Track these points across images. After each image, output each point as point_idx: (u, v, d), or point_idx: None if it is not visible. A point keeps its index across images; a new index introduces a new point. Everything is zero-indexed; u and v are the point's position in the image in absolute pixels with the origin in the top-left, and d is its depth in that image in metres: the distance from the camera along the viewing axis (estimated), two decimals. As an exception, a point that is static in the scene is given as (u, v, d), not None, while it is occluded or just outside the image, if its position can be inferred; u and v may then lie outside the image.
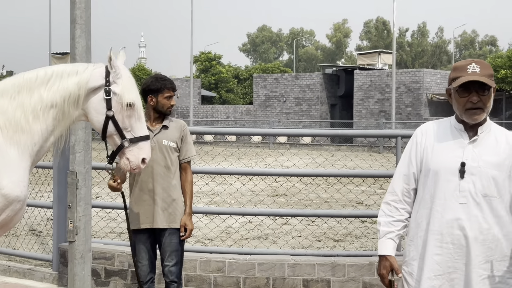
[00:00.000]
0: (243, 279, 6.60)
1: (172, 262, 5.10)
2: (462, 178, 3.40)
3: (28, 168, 4.02)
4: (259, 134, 8.26)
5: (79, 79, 4.05)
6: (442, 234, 3.41)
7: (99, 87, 4.07)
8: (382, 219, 3.63)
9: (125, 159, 4.16)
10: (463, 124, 3.49)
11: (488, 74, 3.41)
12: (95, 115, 4.09)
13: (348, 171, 8.90)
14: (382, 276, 3.58)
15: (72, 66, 4.16)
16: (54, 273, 7.20)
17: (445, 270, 3.41)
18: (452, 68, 3.55)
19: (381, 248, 3.59)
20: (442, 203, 3.43)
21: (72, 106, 4.04)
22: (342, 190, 10.81)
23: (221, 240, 9.64)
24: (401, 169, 3.65)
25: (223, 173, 7.80)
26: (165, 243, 5.11)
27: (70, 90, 4.02)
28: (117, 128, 4.09)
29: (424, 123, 3.78)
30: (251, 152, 27.61)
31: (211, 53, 66.74)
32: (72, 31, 6.20)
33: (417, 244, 3.53)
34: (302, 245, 9.12)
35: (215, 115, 51.08)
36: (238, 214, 7.97)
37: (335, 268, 6.57)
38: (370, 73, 44.15)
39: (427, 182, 3.50)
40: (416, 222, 3.55)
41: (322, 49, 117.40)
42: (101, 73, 4.09)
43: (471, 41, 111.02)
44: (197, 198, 13.36)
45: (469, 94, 3.40)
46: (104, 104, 4.06)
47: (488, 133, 3.48)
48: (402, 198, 3.60)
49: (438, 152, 3.49)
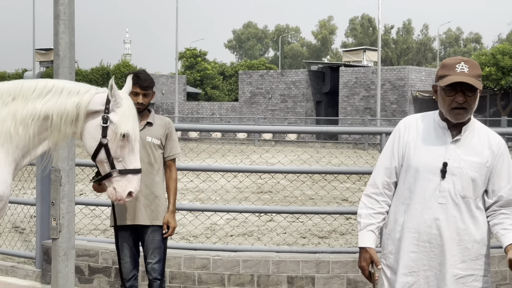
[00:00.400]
0: (228, 276, 6.60)
1: (155, 259, 5.08)
2: (443, 178, 3.41)
3: (12, 171, 4.00)
4: (244, 131, 8.24)
5: (79, 100, 4.01)
6: (420, 233, 3.43)
7: (98, 112, 4.04)
8: (362, 211, 3.63)
9: (112, 188, 4.12)
10: (446, 122, 3.49)
11: (476, 75, 3.40)
12: (89, 139, 4.07)
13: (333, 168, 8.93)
14: (362, 268, 3.59)
15: (74, 84, 4.12)
16: (37, 270, 7.16)
17: (420, 267, 3.44)
18: (441, 65, 3.53)
19: (362, 240, 3.59)
20: (421, 201, 3.44)
21: (69, 125, 4.01)
22: (327, 187, 10.85)
23: (206, 237, 9.63)
24: (383, 162, 3.65)
25: (208, 170, 7.80)
26: (148, 240, 5.09)
27: (68, 110, 3.98)
28: (108, 156, 4.06)
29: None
30: (236, 149, 27.62)
31: (197, 49, 66.65)
32: (56, 27, 6.16)
33: (394, 239, 3.55)
34: (286, 242, 9.13)
35: (200, 111, 50.99)
36: (223, 211, 7.96)
37: (320, 264, 6.59)
38: (355, 70, 44.24)
39: (407, 178, 3.51)
40: (394, 216, 3.57)
41: (307, 46, 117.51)
42: (102, 99, 4.05)
43: (456, 38, 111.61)
44: (182, 195, 13.34)
45: (455, 93, 3.39)
46: (100, 130, 4.03)
47: (472, 132, 3.49)
48: (383, 191, 3.61)
49: (420, 149, 3.49)
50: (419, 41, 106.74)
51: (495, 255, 6.83)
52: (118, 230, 5.15)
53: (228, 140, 37.35)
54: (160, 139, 5.12)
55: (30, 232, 9.24)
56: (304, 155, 19.55)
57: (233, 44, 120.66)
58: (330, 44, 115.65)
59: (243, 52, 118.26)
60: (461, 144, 3.45)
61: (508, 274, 6.83)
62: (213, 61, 71.34)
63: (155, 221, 5.08)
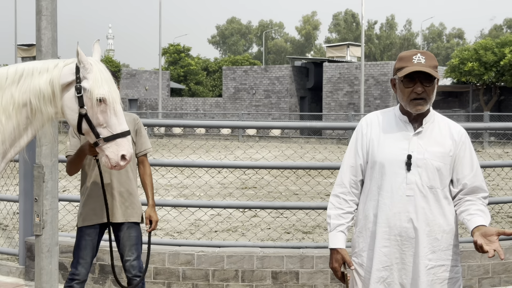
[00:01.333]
0: (212, 272, 6.62)
1: (133, 256, 5.02)
2: (408, 171, 3.43)
3: None
4: (228, 127, 8.24)
5: (50, 77, 3.96)
6: (390, 227, 3.45)
7: (71, 84, 3.99)
8: (331, 211, 3.63)
9: (105, 156, 4.06)
10: (407, 115, 3.52)
11: (433, 65, 3.44)
12: (69, 112, 4.01)
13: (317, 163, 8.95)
14: (334, 270, 3.58)
15: (42, 63, 4.06)
16: (20, 267, 7.14)
17: (393, 261, 3.46)
18: (398, 58, 3.55)
19: (332, 241, 3.59)
20: (389, 195, 3.46)
21: (48, 105, 3.96)
22: (311, 183, 10.88)
23: (190, 233, 9.64)
24: (348, 160, 3.66)
25: (192, 165, 7.79)
26: (124, 237, 5.01)
27: (43, 89, 3.93)
28: (91, 125, 3.99)
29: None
30: (220, 145, 27.61)
31: (180, 45, 66.40)
32: (38, 23, 6.13)
33: (365, 236, 3.56)
34: (271, 237, 9.16)
35: (184, 107, 50.88)
36: (207, 207, 7.97)
37: (304, 260, 6.62)
38: (339, 65, 44.35)
39: (374, 174, 3.53)
40: (364, 214, 3.58)
41: (291, 42, 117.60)
42: (71, 69, 4.00)
43: (439, 34, 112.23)
44: (166, 191, 13.34)
45: (413, 84, 3.42)
46: (76, 101, 3.97)
47: (432, 124, 3.52)
48: (350, 190, 3.62)
49: (383, 145, 3.52)
50: (402, 36, 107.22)
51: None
52: (86, 229, 5.03)
53: (212, 136, 37.34)
54: (130, 135, 5.06)
55: (13, 228, 9.20)
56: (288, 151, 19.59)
57: (217, 40, 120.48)
58: (314, 40, 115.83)
59: (227, 47, 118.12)
60: (423, 135, 3.48)
61: (490, 268, 6.90)
62: (197, 57, 71.16)
63: (130, 217, 5.01)
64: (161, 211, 9.72)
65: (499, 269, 6.94)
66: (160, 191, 13.44)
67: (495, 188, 13.38)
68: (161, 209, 9.71)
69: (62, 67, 4.02)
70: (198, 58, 70.16)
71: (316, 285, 6.62)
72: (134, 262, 5.03)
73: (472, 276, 6.85)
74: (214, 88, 65.59)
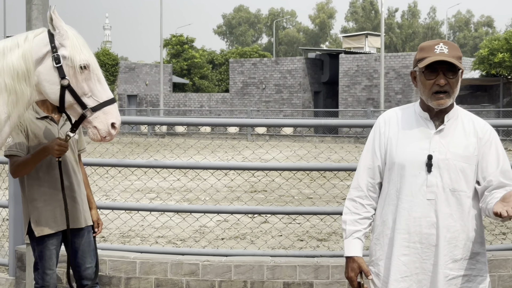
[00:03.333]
0: (219, 283, 6.63)
1: (93, 262, 5.05)
2: (429, 172, 3.42)
3: None
4: (236, 125, 8.23)
5: (22, 52, 3.91)
6: (410, 233, 3.45)
7: (46, 55, 3.95)
8: (347, 217, 3.63)
9: (93, 128, 4.04)
10: (428, 112, 3.51)
11: (457, 56, 3.43)
12: (48, 86, 3.96)
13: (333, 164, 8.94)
14: (350, 279, 3.58)
15: (11, 39, 4.01)
16: (10, 278, 7.16)
17: (412, 271, 3.45)
18: (418, 48, 3.55)
19: (348, 249, 3.59)
20: (409, 199, 3.45)
21: (23, 83, 3.91)
22: (326, 185, 10.88)
23: (195, 241, 9.66)
24: (365, 162, 3.65)
25: (196, 167, 7.79)
26: (85, 243, 5.00)
27: (16, 67, 3.89)
28: (76, 96, 3.96)
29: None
30: (227, 144, 27.64)
31: (183, 36, 66.55)
32: (28, 13, 6.17)
33: (383, 244, 3.56)
34: (282, 245, 9.16)
35: (187, 104, 50.98)
36: (213, 212, 7.99)
37: (319, 269, 6.62)
38: (356, 57, 44.30)
39: (392, 177, 3.52)
40: (381, 219, 3.58)
41: (304, 32, 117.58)
42: (44, 39, 3.97)
43: (466, 22, 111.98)
44: (168, 195, 13.37)
45: (436, 76, 3.41)
46: (56, 73, 3.93)
47: (456, 121, 3.51)
48: (368, 194, 3.62)
49: (403, 144, 3.51)
50: (425, 25, 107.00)
51: (508, 257, 6.88)
52: (48, 238, 4.94)
53: (218, 135, 37.37)
54: (78, 134, 4.99)
55: (2, 236, 9.23)
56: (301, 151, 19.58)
57: (223, 30, 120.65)
58: (329, 29, 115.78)
59: (234, 38, 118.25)
60: (445, 134, 3.47)
61: (523, 278, 6.87)
62: (202, 49, 71.32)
63: (88, 221, 5.05)
64: (163, 217, 9.75)
65: (532, 280, 6.91)
66: (162, 195, 13.47)
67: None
68: (163, 214, 9.74)
69: (32, 39, 3.97)
70: (203, 50, 70.31)
71: (332, 298, 6.62)
72: (94, 269, 5.07)
73: (504, 287, 6.82)
74: (220, 83, 65.70)
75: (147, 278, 6.62)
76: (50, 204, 4.91)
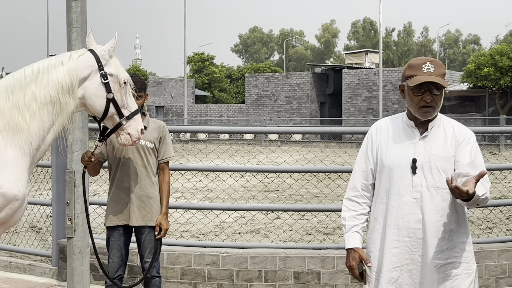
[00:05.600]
0: (236, 272, 6.62)
1: (150, 258, 5.06)
2: (414, 174, 3.45)
3: (27, 167, 3.98)
4: (251, 132, 8.25)
5: (67, 68, 4.01)
6: (399, 228, 3.46)
7: (92, 72, 4.06)
8: (346, 214, 3.65)
9: (126, 134, 4.23)
10: (414, 120, 3.54)
11: (441, 74, 3.45)
12: (95, 99, 4.09)
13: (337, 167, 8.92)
14: (351, 268, 3.59)
15: (55, 58, 4.10)
16: (53, 268, 7.20)
17: (402, 262, 3.46)
18: (407, 65, 3.55)
19: (349, 242, 3.60)
20: (397, 198, 3.48)
21: (67, 95, 4.00)
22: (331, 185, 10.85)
23: (215, 235, 9.66)
24: (359, 165, 3.68)
25: (216, 170, 7.81)
26: (146, 240, 5.04)
27: (61, 81, 3.98)
28: (117, 108, 4.14)
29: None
30: (243, 150, 27.63)
31: (204, 54, 66.69)
32: (69, 34, 6.20)
33: (375, 238, 3.58)
34: (293, 239, 9.14)
35: (208, 114, 51.03)
36: (231, 210, 7.98)
37: (325, 260, 6.60)
38: (358, 72, 44.20)
39: (382, 178, 3.55)
40: (373, 216, 3.61)
41: (311, 49, 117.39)
42: (88, 59, 4.07)
43: (455, 40, 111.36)
44: (191, 195, 13.38)
45: (423, 93, 3.43)
46: (103, 87, 4.07)
47: (438, 128, 3.52)
48: (362, 193, 3.64)
49: (391, 149, 3.54)
50: (419, 43, 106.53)
51: (494, 249, 6.83)
52: (110, 230, 5.10)
53: (235, 141, 37.37)
54: (153, 142, 5.06)
55: (46, 231, 9.29)
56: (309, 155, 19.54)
57: (240, 48, 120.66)
58: (333, 47, 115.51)
59: (249, 55, 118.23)
60: (429, 139, 3.49)
61: (507, 268, 6.83)
62: (220, 65, 71.36)
63: (149, 222, 5.02)
64: (187, 213, 9.76)
65: (516, 269, 6.86)
66: (186, 195, 13.49)
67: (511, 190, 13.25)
68: (187, 211, 9.74)
69: (77, 58, 4.07)
70: (222, 66, 70.35)
71: (337, 285, 6.60)
72: (153, 264, 5.07)
73: (490, 276, 6.78)
74: (237, 95, 65.69)
75: (173, 267, 6.64)
76: (113, 201, 5.08)
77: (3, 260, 7.64)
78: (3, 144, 3.87)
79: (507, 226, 10.15)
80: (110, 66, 4.12)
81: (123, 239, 5.11)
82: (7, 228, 4.14)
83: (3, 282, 7.10)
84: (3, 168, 3.85)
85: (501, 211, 10.58)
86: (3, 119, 3.90)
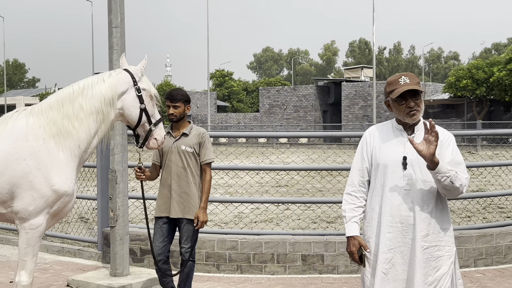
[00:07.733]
0: (253, 255, 6.63)
1: (188, 244, 5.07)
2: (405, 169, 3.45)
3: (76, 167, 4.03)
4: (264, 137, 8.26)
5: (109, 84, 4.12)
6: (392, 216, 3.46)
7: (129, 87, 4.18)
8: (346, 206, 3.64)
9: (153, 139, 4.30)
10: (402, 125, 3.56)
11: (416, 82, 3.47)
12: (132, 110, 4.19)
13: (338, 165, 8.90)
14: (352, 253, 3.57)
15: (97, 76, 4.22)
16: (99, 252, 7.24)
17: (395, 244, 3.45)
18: (386, 83, 3.56)
19: (349, 230, 3.59)
20: (391, 190, 3.47)
21: (108, 106, 4.09)
22: (333, 181, 10.82)
23: (234, 224, 9.66)
24: (356, 164, 3.68)
25: (235, 168, 7.82)
26: (183, 230, 5.07)
27: (104, 94, 4.08)
28: (148, 116, 4.24)
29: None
30: (258, 151, 27.61)
31: (225, 70, 66.73)
32: (110, 56, 6.25)
33: (372, 225, 3.56)
34: (300, 227, 9.13)
35: (228, 121, 51.07)
36: (248, 202, 7.98)
37: (328, 245, 6.59)
38: (355, 84, 44.08)
39: (377, 174, 3.54)
40: (370, 207, 3.59)
41: (315, 65, 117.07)
42: (126, 77, 4.20)
43: (438, 56, 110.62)
44: (214, 190, 13.38)
45: (405, 101, 3.45)
46: (138, 99, 4.19)
47: (423, 131, 3.50)
48: (359, 188, 3.63)
49: (384, 149, 3.54)
50: (407, 59, 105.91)
51: (472, 235, 6.79)
52: (156, 220, 5.17)
53: (251, 144, 37.37)
54: (193, 147, 5.05)
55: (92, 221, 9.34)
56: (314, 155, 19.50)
57: (254, 65, 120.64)
58: (334, 64, 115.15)
59: (263, 71, 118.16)
60: (415, 140, 3.47)
61: (483, 250, 6.78)
62: (238, 80, 71.33)
63: (187, 214, 5.03)
64: (211, 206, 9.76)
65: (491, 252, 6.81)
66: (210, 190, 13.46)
67: (487, 184, 13.13)
68: (210, 204, 9.76)
69: (115, 75, 4.19)
70: (239, 81, 70.34)
71: (338, 266, 6.58)
72: (188, 249, 5.09)
73: (469, 258, 6.73)
74: (252, 105, 65.69)
75: (199, 251, 6.65)
76: (159, 196, 5.16)
77: (57, 245, 7.70)
78: (56, 148, 3.93)
79: (483, 215, 10.07)
80: (142, 82, 4.24)
81: (166, 227, 5.12)
82: (60, 219, 4.19)
83: (57, 264, 7.16)
84: (56, 169, 3.90)
85: (478, 202, 10.49)
86: (56, 127, 3.96)
